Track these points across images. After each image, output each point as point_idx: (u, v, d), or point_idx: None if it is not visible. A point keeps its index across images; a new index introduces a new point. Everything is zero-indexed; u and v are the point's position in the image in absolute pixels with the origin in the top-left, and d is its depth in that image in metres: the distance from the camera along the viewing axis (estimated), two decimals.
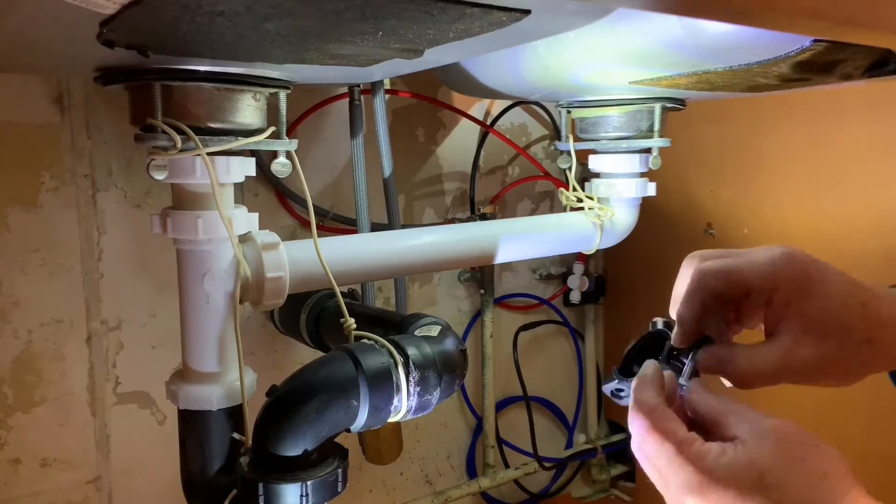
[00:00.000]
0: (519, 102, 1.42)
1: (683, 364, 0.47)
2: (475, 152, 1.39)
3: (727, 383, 0.48)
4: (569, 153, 1.09)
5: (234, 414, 0.74)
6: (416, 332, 0.78)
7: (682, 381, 0.46)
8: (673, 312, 0.49)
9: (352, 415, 0.68)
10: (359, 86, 1.06)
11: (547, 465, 1.50)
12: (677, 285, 0.49)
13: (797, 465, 0.40)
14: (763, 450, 0.40)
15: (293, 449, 0.64)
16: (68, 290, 1.04)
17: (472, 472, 1.50)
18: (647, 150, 1.05)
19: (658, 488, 0.43)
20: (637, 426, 0.44)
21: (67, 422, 1.05)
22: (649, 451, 0.43)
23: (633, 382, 0.46)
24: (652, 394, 0.45)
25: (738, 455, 0.40)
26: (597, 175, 1.10)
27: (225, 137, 0.69)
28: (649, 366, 0.47)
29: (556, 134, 1.51)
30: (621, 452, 1.64)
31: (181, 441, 0.75)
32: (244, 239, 0.74)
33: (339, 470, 0.67)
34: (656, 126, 1.01)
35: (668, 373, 0.46)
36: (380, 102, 1.04)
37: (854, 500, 0.39)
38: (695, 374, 0.47)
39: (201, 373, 0.73)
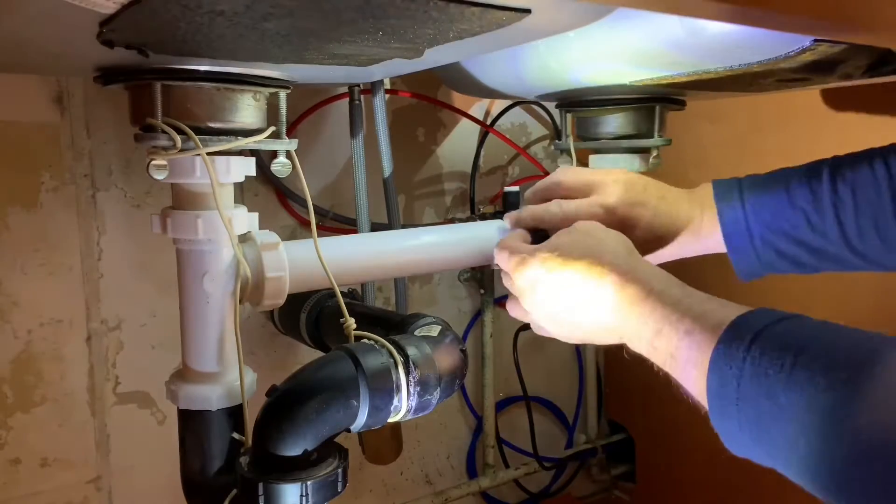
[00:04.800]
0: (519, 102, 1.42)
1: None
2: (475, 152, 1.39)
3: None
4: (569, 153, 1.09)
5: (234, 414, 0.74)
6: (416, 332, 0.78)
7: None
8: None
9: (352, 415, 0.68)
10: (359, 86, 1.06)
11: (547, 464, 1.50)
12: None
13: (581, 237, 0.62)
14: (560, 237, 0.64)
15: (293, 449, 0.64)
16: (68, 290, 1.04)
17: (472, 472, 1.50)
18: (647, 150, 1.05)
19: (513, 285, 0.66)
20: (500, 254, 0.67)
21: (67, 422, 1.05)
22: (507, 263, 0.65)
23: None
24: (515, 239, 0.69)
25: (547, 242, 0.64)
26: None
27: (225, 137, 0.69)
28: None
29: (556, 134, 1.51)
30: (621, 452, 1.64)
31: (181, 441, 0.75)
32: (244, 239, 0.74)
33: (339, 470, 0.67)
34: (656, 126, 1.01)
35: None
36: (380, 102, 1.03)
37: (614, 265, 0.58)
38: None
39: (201, 373, 0.73)
